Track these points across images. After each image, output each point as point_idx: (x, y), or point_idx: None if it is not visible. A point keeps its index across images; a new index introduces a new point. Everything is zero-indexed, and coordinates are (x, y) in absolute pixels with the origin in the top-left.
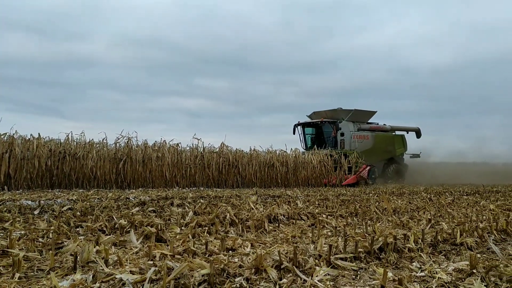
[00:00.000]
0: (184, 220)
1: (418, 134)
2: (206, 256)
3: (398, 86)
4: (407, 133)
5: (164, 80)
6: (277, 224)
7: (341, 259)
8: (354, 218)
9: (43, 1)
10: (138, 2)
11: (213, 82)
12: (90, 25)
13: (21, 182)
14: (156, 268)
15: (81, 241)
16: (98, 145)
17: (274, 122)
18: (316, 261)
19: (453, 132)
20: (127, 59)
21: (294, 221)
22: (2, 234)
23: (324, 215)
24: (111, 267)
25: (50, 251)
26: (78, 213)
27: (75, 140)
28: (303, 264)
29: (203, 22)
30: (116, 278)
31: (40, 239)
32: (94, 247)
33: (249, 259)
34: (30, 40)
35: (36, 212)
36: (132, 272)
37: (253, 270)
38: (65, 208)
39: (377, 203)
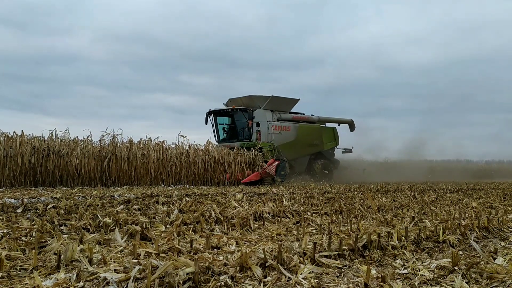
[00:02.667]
0: (169, 218)
1: (352, 126)
2: (191, 254)
3: (383, 84)
4: (339, 125)
5: (148, 76)
6: (262, 222)
7: (326, 256)
8: (339, 216)
9: None
10: None
11: (197, 79)
12: (73, 20)
13: (4, 180)
14: (141, 267)
15: (65, 240)
16: (82, 143)
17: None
18: (301, 258)
19: (437, 130)
20: (110, 55)
21: (279, 219)
22: None
23: (309, 213)
24: (95, 266)
25: (33, 250)
26: (62, 212)
27: (59, 137)
28: (288, 261)
29: (186, 18)
30: (100, 277)
31: (23, 238)
32: (78, 245)
33: (234, 257)
34: (10, 34)
35: (19, 211)
36: (116, 271)
37: (238, 268)
38: (49, 206)
39: (361, 201)
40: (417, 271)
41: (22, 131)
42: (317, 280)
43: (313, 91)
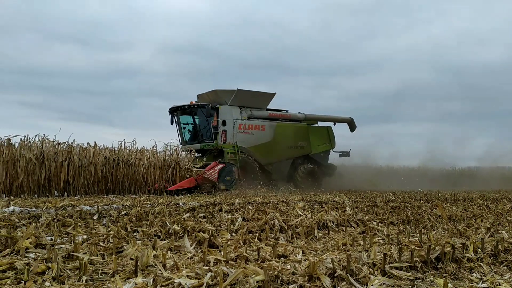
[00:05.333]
0: (233, 226)
1: (352, 126)
2: (259, 262)
3: (446, 86)
4: (334, 124)
5: (206, 86)
6: (326, 231)
7: (396, 268)
8: (407, 226)
9: (89, 13)
10: (178, 10)
11: (253, 87)
12: (134, 34)
13: (79, 188)
14: (212, 274)
15: (139, 246)
16: (148, 152)
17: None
18: (370, 269)
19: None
20: (170, 67)
21: (343, 228)
22: (66, 238)
23: (374, 222)
24: (169, 271)
25: (113, 256)
26: (134, 219)
27: (127, 148)
28: (357, 272)
29: (241, 28)
30: (175, 282)
31: (101, 243)
32: (152, 251)
33: (302, 266)
34: (78, 51)
35: (95, 217)
36: (189, 277)
37: (307, 277)
38: (121, 213)
39: (430, 210)
40: (497, 285)
41: (95, 142)
42: None
43: (371, 97)
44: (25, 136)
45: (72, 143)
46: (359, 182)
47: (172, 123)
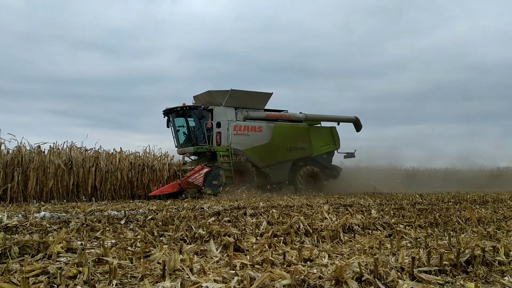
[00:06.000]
0: (258, 230)
1: (357, 126)
2: (285, 266)
3: (473, 86)
4: (338, 124)
5: None
6: (352, 234)
7: (425, 272)
8: (435, 229)
9: (113, 21)
10: (199, 16)
11: (275, 90)
12: (156, 41)
13: (106, 193)
14: (239, 278)
15: (166, 250)
16: (171, 158)
17: (338, 129)
18: (398, 273)
19: None
20: (192, 72)
21: (370, 231)
22: (96, 243)
23: (401, 225)
24: (196, 275)
25: (141, 260)
26: (160, 223)
27: (152, 153)
28: (385, 276)
29: (262, 32)
30: (202, 286)
31: (129, 248)
32: (179, 256)
33: (329, 270)
34: (103, 59)
35: (122, 222)
36: (215, 281)
37: (333, 281)
38: (148, 218)
39: (458, 213)
40: None
41: (120, 148)
42: None
43: (394, 98)
44: (54, 143)
45: (98, 149)
46: (364, 184)
47: (168, 126)
